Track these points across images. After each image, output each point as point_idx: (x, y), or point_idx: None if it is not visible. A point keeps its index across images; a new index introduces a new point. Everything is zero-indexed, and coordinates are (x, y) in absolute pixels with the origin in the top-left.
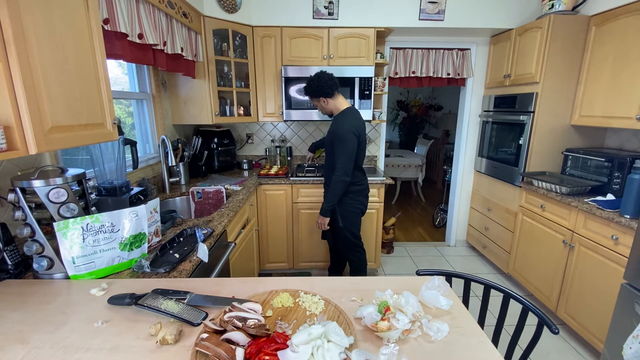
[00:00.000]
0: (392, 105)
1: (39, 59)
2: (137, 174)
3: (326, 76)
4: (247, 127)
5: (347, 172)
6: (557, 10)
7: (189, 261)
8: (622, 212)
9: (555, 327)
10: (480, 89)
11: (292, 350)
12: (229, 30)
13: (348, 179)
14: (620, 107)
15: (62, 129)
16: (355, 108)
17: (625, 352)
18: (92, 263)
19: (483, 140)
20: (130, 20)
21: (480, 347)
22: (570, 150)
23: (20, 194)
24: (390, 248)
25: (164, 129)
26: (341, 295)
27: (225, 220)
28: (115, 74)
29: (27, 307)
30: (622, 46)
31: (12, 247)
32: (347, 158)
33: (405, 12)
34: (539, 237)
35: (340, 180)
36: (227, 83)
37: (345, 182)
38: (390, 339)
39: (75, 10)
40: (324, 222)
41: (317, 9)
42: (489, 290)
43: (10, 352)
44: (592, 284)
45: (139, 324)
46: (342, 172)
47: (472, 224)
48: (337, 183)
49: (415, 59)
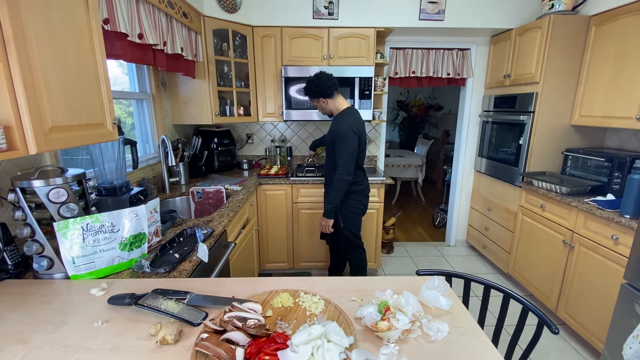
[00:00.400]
0: (392, 105)
1: (39, 59)
2: (137, 174)
3: (325, 76)
4: (247, 127)
5: (349, 170)
6: (557, 10)
7: (189, 261)
8: (622, 212)
9: (555, 327)
10: (480, 89)
11: (292, 350)
12: (229, 30)
13: (350, 178)
14: (620, 107)
15: (62, 129)
16: (355, 108)
17: (625, 352)
18: (92, 263)
19: (483, 140)
20: (130, 20)
21: (480, 347)
22: (570, 150)
23: (20, 194)
24: (390, 248)
25: (164, 129)
26: (341, 295)
27: (225, 220)
28: (115, 74)
29: (27, 307)
30: (622, 46)
31: (12, 247)
32: (349, 157)
33: (405, 12)
34: (539, 237)
35: (343, 180)
36: (227, 83)
37: (347, 181)
38: (390, 339)
39: (75, 10)
40: (328, 225)
41: (317, 9)
42: (489, 290)
43: (10, 352)
44: (592, 284)
45: (139, 324)
46: (344, 171)
47: (472, 224)
48: (340, 182)
49: (415, 59)
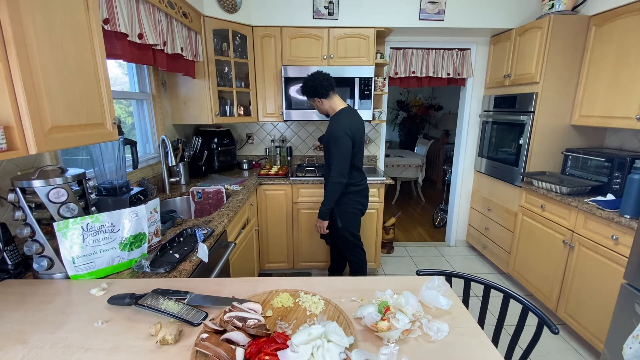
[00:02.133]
0: (392, 105)
1: (39, 59)
2: (137, 174)
3: (321, 76)
4: (247, 127)
5: (342, 173)
6: (557, 10)
7: (189, 261)
8: (622, 212)
9: (555, 327)
10: (480, 89)
11: (292, 350)
12: (229, 30)
13: (344, 180)
14: (620, 107)
15: (62, 129)
16: (353, 108)
17: (625, 352)
18: (92, 263)
19: (483, 140)
20: (130, 20)
21: (480, 347)
22: (570, 150)
23: (20, 194)
24: (390, 248)
25: (164, 129)
26: (341, 295)
27: (225, 220)
28: (115, 74)
29: (27, 307)
30: (622, 46)
31: (12, 247)
32: (342, 159)
33: (405, 12)
34: (539, 237)
35: (337, 182)
36: (227, 83)
37: (341, 183)
38: (390, 339)
39: (75, 10)
40: (322, 226)
41: (317, 9)
42: (489, 290)
43: (10, 352)
44: (592, 284)
45: (139, 324)
46: (337, 173)
47: (472, 224)
48: (333, 184)
49: (415, 59)
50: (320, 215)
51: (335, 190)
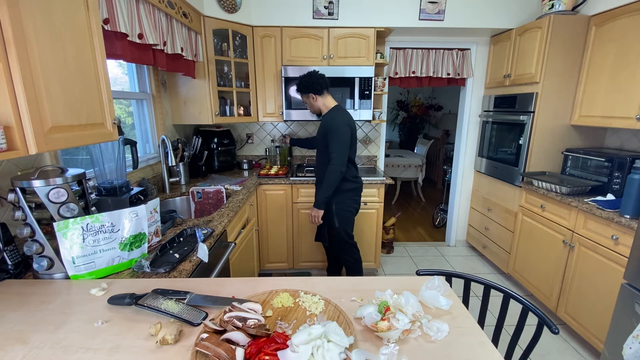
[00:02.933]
0: (392, 105)
1: (39, 59)
2: (137, 174)
3: (318, 75)
4: (247, 127)
5: (342, 162)
6: (557, 10)
7: (189, 261)
8: (622, 212)
9: (555, 327)
10: (480, 89)
11: (292, 350)
12: (229, 30)
13: (344, 169)
14: (620, 107)
15: (62, 129)
16: (344, 107)
17: (625, 352)
18: (92, 263)
19: (483, 140)
20: (130, 20)
21: (480, 347)
22: (570, 150)
23: (20, 194)
24: (390, 248)
25: (164, 129)
26: (341, 295)
27: (225, 220)
28: (115, 74)
29: (27, 307)
30: (622, 46)
31: (12, 247)
32: (342, 148)
33: (405, 12)
34: (539, 237)
35: (337, 171)
36: (227, 83)
37: (341, 172)
38: (390, 339)
39: (75, 11)
40: (318, 215)
41: (317, 9)
42: (489, 290)
43: (10, 352)
44: (592, 284)
45: (139, 324)
46: (338, 162)
47: (472, 224)
48: (333, 173)
49: (415, 59)
50: (316, 204)
51: (334, 178)
